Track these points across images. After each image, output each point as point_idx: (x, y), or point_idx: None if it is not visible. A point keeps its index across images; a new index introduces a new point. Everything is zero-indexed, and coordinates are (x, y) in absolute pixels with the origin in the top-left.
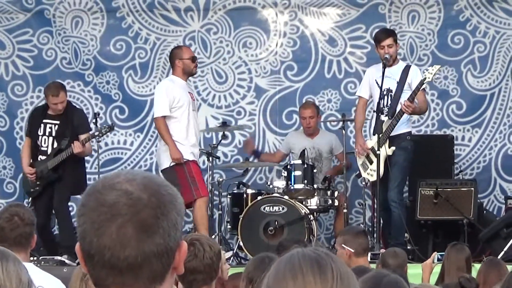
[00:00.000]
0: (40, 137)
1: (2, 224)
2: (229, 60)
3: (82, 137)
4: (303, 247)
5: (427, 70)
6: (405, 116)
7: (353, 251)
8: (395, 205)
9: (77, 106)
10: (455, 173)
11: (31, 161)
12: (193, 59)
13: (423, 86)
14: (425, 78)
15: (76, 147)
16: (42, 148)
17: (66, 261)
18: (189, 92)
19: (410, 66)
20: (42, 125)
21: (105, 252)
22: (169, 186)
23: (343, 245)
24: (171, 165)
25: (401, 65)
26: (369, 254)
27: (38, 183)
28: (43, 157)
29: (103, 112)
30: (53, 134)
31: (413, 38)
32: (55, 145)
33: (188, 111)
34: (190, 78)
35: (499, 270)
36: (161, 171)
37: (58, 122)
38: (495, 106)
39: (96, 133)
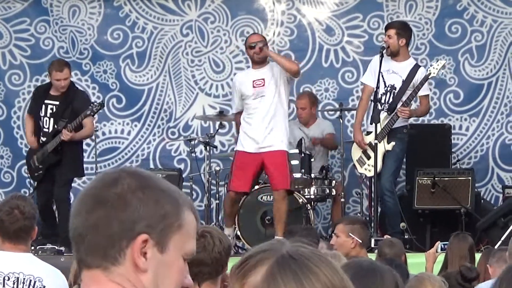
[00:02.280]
0: (42, 117)
1: (2, 217)
2: (226, 49)
3: (69, 125)
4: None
5: (431, 65)
6: None
7: (360, 241)
8: (389, 194)
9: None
10: (452, 163)
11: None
12: (250, 46)
13: (427, 81)
14: (429, 74)
15: (65, 135)
16: (45, 129)
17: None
18: (253, 81)
19: (420, 67)
20: (43, 105)
21: (70, 225)
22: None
23: (350, 234)
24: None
25: (410, 62)
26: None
27: (40, 166)
28: (45, 139)
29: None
30: (53, 114)
31: (411, 27)
32: (55, 126)
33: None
34: (187, 67)
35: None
36: None
37: (57, 102)
38: (493, 95)
39: (88, 112)
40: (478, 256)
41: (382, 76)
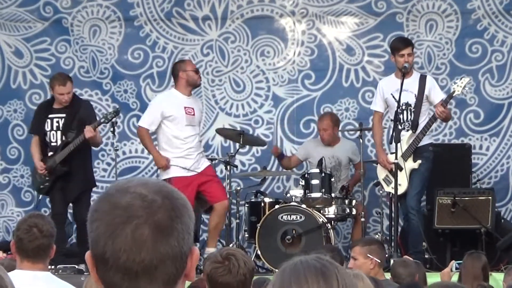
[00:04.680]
0: (48, 132)
1: (21, 235)
2: (247, 69)
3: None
4: (306, 255)
5: (455, 83)
6: None
7: (379, 261)
8: (413, 212)
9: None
10: (472, 182)
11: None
12: (197, 70)
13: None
14: (453, 92)
15: (88, 132)
16: (52, 144)
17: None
18: (185, 107)
19: (426, 76)
20: (48, 120)
21: (120, 255)
22: (180, 193)
23: (369, 255)
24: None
25: (415, 76)
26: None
27: (47, 178)
28: (53, 153)
29: (121, 121)
30: (60, 127)
31: (431, 47)
32: (63, 139)
33: (181, 125)
34: (207, 87)
35: None
36: None
37: (64, 115)
38: None
39: (102, 120)
40: (496, 275)
41: (393, 96)
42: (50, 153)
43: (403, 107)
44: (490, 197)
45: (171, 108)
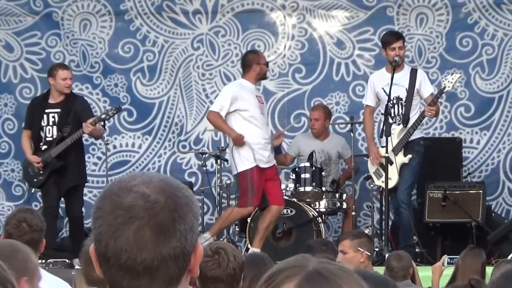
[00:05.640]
0: (44, 127)
1: (10, 230)
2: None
3: (90, 120)
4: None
5: (446, 79)
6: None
7: (369, 254)
8: (404, 206)
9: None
10: (463, 176)
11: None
12: (267, 64)
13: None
14: (444, 87)
15: (86, 127)
16: (48, 139)
17: (75, 263)
18: (256, 96)
19: (417, 70)
20: (44, 115)
21: (122, 255)
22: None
23: (359, 248)
24: (238, 171)
25: (406, 70)
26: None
27: (41, 172)
28: (48, 147)
29: None
30: (56, 122)
31: (421, 40)
32: (59, 133)
33: (254, 114)
34: (198, 81)
35: None
36: (233, 176)
37: (59, 110)
38: (503, 109)
39: (103, 116)
40: (487, 269)
41: (384, 90)
42: (44, 147)
43: (394, 101)
44: (480, 191)
45: (244, 95)
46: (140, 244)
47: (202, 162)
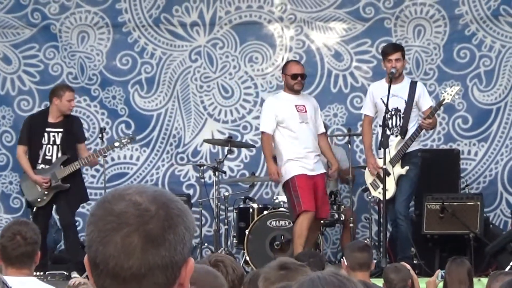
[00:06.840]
0: (44, 146)
1: (4, 243)
2: (235, 75)
3: (103, 147)
4: (322, 272)
5: (445, 91)
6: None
7: (346, 264)
8: (402, 218)
9: (82, 120)
10: (461, 187)
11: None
12: (293, 76)
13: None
14: (443, 99)
15: (93, 162)
16: (47, 157)
17: (73, 275)
18: (296, 105)
19: (416, 82)
20: (45, 134)
21: (110, 261)
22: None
23: (343, 258)
24: (283, 184)
25: (406, 81)
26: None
27: (46, 193)
28: (46, 166)
29: (109, 127)
30: (58, 142)
31: (419, 52)
32: (59, 154)
33: (292, 124)
34: (196, 93)
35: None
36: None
37: (61, 130)
38: (501, 120)
39: (117, 144)
40: (485, 280)
41: (382, 101)
42: (41, 166)
43: (392, 113)
44: (478, 203)
45: (281, 108)
46: (128, 250)
47: (200, 174)
